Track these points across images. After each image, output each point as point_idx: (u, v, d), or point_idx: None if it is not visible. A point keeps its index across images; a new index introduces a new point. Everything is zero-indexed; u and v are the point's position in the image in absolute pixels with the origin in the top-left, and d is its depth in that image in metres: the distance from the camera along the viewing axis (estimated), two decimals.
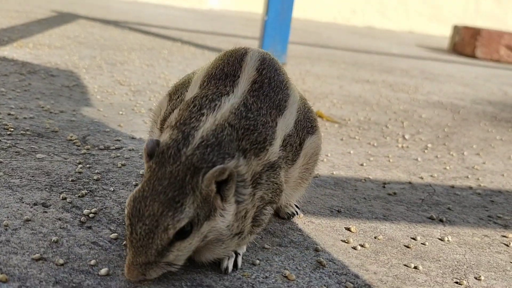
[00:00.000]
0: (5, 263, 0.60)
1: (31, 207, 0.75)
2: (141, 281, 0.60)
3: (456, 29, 4.75)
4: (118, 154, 1.02)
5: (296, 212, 0.84)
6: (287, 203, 0.84)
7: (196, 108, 0.65)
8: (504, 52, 4.30)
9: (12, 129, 1.06)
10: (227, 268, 0.65)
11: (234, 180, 0.60)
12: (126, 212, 0.59)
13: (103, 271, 0.61)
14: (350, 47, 4.04)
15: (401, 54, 4.09)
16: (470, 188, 1.12)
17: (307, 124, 0.78)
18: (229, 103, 0.66)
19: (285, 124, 0.71)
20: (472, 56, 4.34)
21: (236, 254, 0.67)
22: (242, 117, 0.65)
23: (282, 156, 0.69)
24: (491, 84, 2.97)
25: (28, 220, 0.71)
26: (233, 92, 0.68)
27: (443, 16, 7.67)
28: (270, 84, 0.72)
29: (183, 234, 0.58)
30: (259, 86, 0.70)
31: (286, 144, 0.71)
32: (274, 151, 0.67)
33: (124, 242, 0.68)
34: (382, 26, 7.50)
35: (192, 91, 0.72)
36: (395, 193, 1.02)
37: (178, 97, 0.75)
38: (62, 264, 0.62)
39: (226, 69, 0.72)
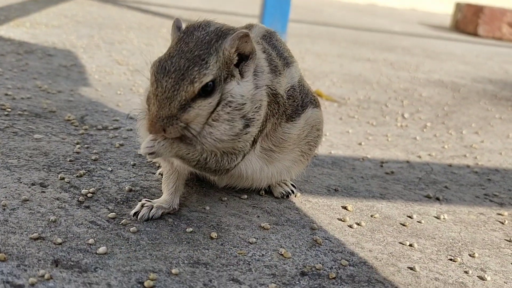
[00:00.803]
0: (3, 243, 0.61)
1: (29, 187, 0.75)
2: (161, 135, 0.64)
3: (459, 7, 4.69)
4: (116, 134, 1.02)
5: (292, 191, 0.85)
6: (281, 181, 0.85)
7: None
8: (507, 30, 4.26)
9: (9, 110, 1.06)
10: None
11: (254, 59, 0.67)
12: (151, 72, 0.64)
13: (101, 249, 0.61)
14: (351, 25, 4.01)
15: (403, 32, 4.06)
16: (468, 166, 1.12)
17: (309, 94, 0.83)
18: (254, 33, 0.77)
19: (290, 75, 0.78)
20: (474, 34, 4.30)
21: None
22: (264, 42, 0.76)
23: (284, 100, 0.75)
24: (492, 62, 2.94)
25: (26, 200, 0.71)
26: (251, 31, 0.78)
27: None
28: (278, 42, 0.80)
29: (205, 92, 0.63)
30: (268, 39, 0.79)
31: (289, 95, 0.77)
32: (281, 84, 0.74)
33: (123, 221, 0.69)
34: (385, 4, 7.41)
35: None
36: (392, 172, 1.02)
37: None
38: (60, 243, 0.62)
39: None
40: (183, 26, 0.68)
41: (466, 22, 4.46)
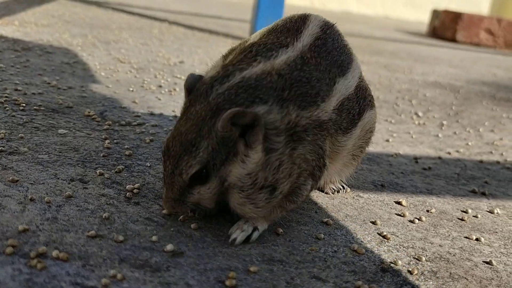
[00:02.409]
0: (59, 241, 0.55)
1: (69, 183, 0.69)
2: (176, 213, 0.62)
3: (436, 13, 4.78)
4: (143, 130, 0.96)
5: (343, 187, 0.81)
6: (333, 180, 0.80)
7: (251, 54, 0.62)
8: (483, 36, 4.36)
9: (24, 105, 0.99)
10: (234, 239, 0.60)
11: (261, 127, 0.55)
12: (162, 148, 0.60)
13: (169, 247, 0.56)
14: None
15: (384, 37, 4.10)
16: (498, 163, 1.11)
17: (367, 96, 0.73)
18: (286, 55, 0.62)
19: (345, 86, 0.67)
20: (453, 40, 4.39)
21: (254, 228, 0.62)
22: (296, 69, 0.62)
23: (334, 120, 0.65)
24: (478, 66, 2.99)
25: (70, 196, 0.65)
26: (293, 45, 0.64)
27: (417, 1, 7.74)
28: (334, 44, 0.68)
29: (201, 178, 0.57)
30: (322, 43, 0.67)
31: (342, 109, 0.66)
32: (326, 110, 0.63)
33: (181, 217, 0.64)
34: (359, 11, 7.51)
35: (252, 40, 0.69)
36: (430, 168, 1.00)
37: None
38: (122, 241, 0.56)
39: (289, 25, 0.69)
40: (195, 85, 0.60)
41: (444, 29, 4.55)
